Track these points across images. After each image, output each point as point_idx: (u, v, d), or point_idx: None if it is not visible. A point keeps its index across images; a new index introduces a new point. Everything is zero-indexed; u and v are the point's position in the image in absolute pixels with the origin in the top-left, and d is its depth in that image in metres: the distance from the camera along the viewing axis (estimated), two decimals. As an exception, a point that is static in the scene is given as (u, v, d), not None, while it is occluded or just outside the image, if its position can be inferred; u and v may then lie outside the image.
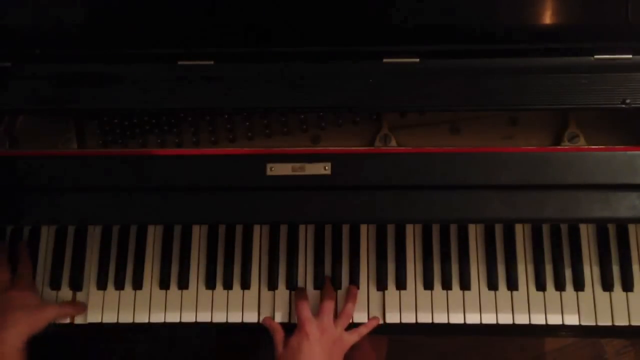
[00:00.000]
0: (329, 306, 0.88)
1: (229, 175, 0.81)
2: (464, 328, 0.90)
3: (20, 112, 0.92)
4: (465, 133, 0.91)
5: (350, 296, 0.90)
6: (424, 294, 0.91)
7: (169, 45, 0.84)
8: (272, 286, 0.92)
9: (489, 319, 0.90)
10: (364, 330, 0.89)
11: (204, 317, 0.92)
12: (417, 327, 0.91)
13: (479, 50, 0.82)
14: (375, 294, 0.91)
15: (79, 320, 0.92)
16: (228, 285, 0.92)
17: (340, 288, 0.92)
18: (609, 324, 0.89)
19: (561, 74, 0.81)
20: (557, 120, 0.90)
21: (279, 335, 0.87)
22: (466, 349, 1.51)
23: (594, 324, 0.89)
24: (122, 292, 0.93)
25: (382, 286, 0.91)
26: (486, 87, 0.81)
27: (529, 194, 0.79)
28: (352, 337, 0.88)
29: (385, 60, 0.83)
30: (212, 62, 0.83)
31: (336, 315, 0.89)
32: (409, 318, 0.90)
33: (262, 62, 0.83)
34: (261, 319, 0.91)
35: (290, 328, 0.90)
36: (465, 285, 0.91)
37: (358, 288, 0.91)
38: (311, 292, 0.92)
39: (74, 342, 1.48)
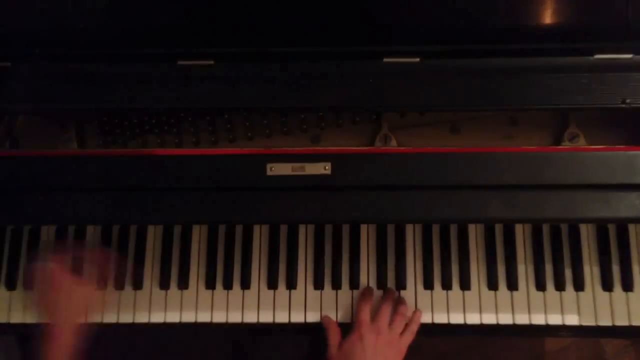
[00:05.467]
0: (386, 309, 0.87)
1: (229, 175, 0.81)
2: (464, 328, 0.90)
3: (20, 112, 0.92)
4: (465, 133, 0.91)
5: (400, 301, 0.90)
6: (424, 294, 0.91)
7: (169, 45, 0.84)
8: (272, 286, 0.92)
9: (489, 319, 0.90)
10: (414, 328, 0.88)
11: (204, 317, 0.92)
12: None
13: (479, 50, 0.82)
14: (375, 294, 0.91)
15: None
16: (228, 285, 0.92)
17: (340, 288, 0.92)
18: (609, 324, 0.89)
19: (561, 74, 0.81)
20: (557, 120, 0.90)
21: (335, 337, 0.86)
22: (466, 349, 1.51)
23: (594, 324, 0.89)
24: (122, 292, 0.93)
25: (382, 286, 0.91)
26: (486, 87, 0.81)
27: (529, 194, 0.79)
28: (407, 338, 0.87)
29: (385, 60, 0.83)
30: (212, 62, 0.83)
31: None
32: (409, 318, 0.90)
33: (262, 62, 0.83)
34: (260, 319, 0.91)
35: (290, 328, 0.90)
36: (465, 285, 0.91)
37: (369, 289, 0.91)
38: (311, 292, 0.92)
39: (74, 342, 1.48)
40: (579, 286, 0.90)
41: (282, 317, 0.91)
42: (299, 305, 0.92)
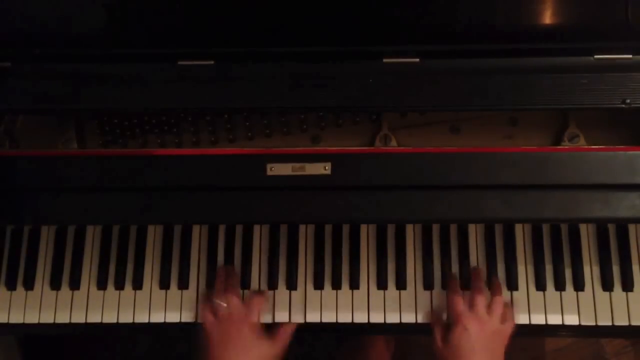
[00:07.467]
0: (481, 298, 0.85)
1: (229, 175, 0.81)
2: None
3: (20, 112, 0.92)
4: (465, 133, 0.91)
5: (496, 287, 0.88)
6: (423, 294, 0.91)
7: (169, 45, 0.84)
8: (272, 286, 0.92)
9: (489, 319, 0.90)
10: (512, 312, 0.86)
11: (204, 317, 0.92)
12: (417, 327, 0.91)
13: (479, 50, 0.82)
14: (375, 294, 0.91)
15: (79, 320, 0.92)
16: (228, 285, 0.92)
17: (340, 288, 0.92)
18: (609, 324, 0.89)
19: (561, 74, 0.81)
20: (557, 120, 0.90)
21: (440, 330, 0.85)
22: (466, 349, 1.51)
23: (594, 324, 0.89)
24: (122, 292, 0.93)
25: (382, 286, 0.91)
26: (486, 87, 0.81)
27: (529, 194, 0.79)
28: (510, 325, 0.85)
29: (385, 60, 0.83)
30: (212, 62, 0.83)
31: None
32: (409, 318, 0.90)
33: (262, 62, 0.83)
34: (261, 319, 0.91)
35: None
36: (465, 285, 0.91)
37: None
38: (311, 292, 0.92)
39: (74, 342, 1.48)
40: (578, 286, 0.90)
41: (282, 317, 0.91)
42: (299, 305, 0.92)
